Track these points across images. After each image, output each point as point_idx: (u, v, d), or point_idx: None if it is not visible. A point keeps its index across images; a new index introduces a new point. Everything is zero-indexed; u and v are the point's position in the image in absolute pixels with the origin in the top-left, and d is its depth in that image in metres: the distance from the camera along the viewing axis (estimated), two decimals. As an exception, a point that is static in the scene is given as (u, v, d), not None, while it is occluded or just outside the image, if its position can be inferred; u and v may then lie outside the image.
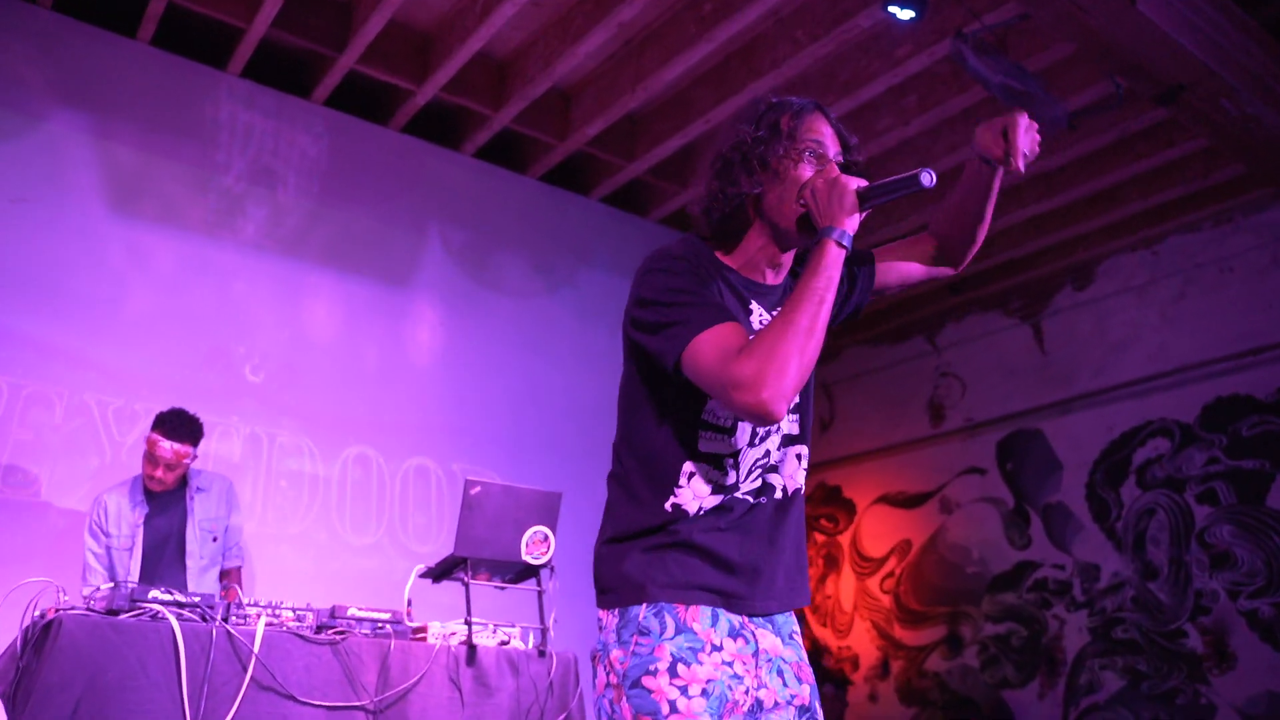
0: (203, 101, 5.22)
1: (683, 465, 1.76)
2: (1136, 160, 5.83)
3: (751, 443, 1.79)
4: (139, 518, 4.09)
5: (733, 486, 1.77)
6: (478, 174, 6.05)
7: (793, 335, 1.59)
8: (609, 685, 1.71)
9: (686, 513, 1.74)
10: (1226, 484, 6.02)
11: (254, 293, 5.18)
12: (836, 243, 1.68)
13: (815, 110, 1.86)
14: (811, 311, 1.62)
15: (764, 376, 1.55)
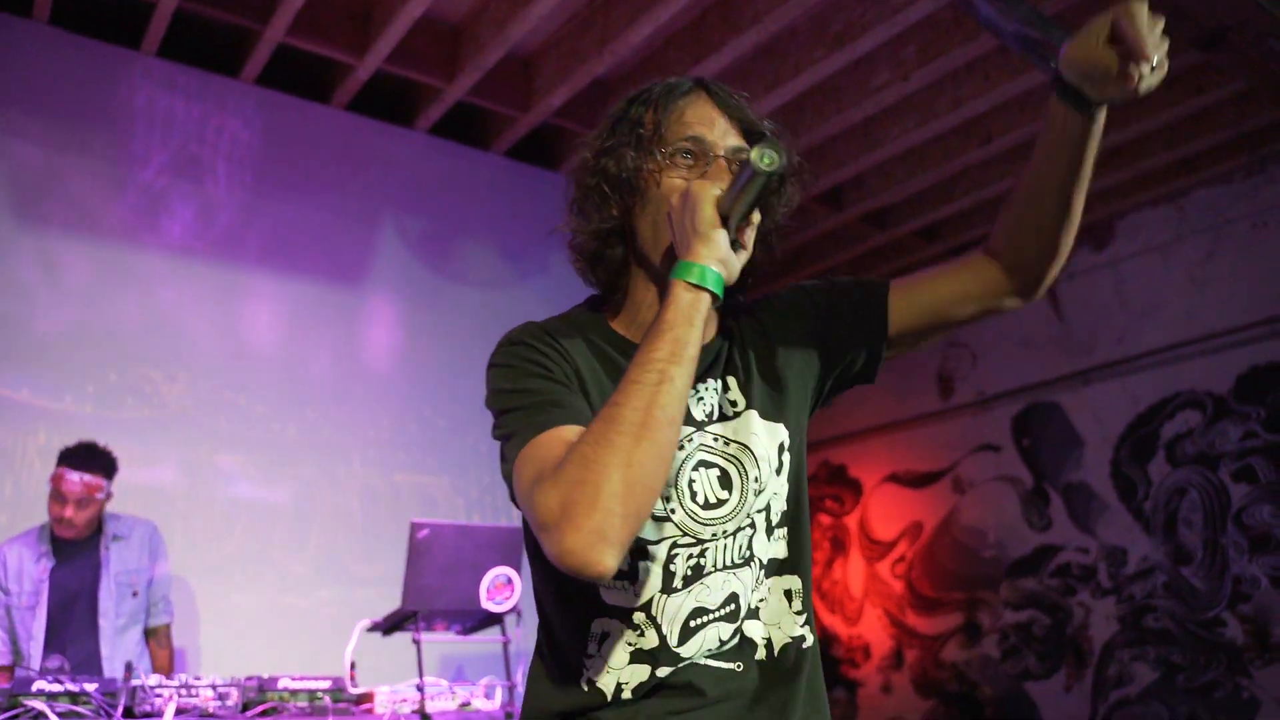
0: (115, 86, 4.64)
1: (591, 624, 1.26)
2: (1163, 109, 5.24)
3: (669, 588, 1.26)
4: (43, 572, 3.60)
5: (660, 653, 1.25)
6: (434, 152, 5.48)
7: (611, 440, 1.07)
8: None
9: (605, 694, 1.23)
10: (1265, 460, 5.52)
11: (183, 301, 4.65)
12: (687, 284, 1.17)
13: (692, 91, 1.34)
14: (643, 399, 1.10)
15: (571, 511, 1.04)
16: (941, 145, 5.84)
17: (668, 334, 1.14)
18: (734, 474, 1.30)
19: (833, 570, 7.87)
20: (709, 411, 1.33)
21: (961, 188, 6.25)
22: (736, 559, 1.28)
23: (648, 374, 1.12)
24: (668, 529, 1.26)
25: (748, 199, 1.21)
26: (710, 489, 1.29)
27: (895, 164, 6.13)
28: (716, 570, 1.27)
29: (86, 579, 3.66)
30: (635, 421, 1.08)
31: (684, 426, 1.27)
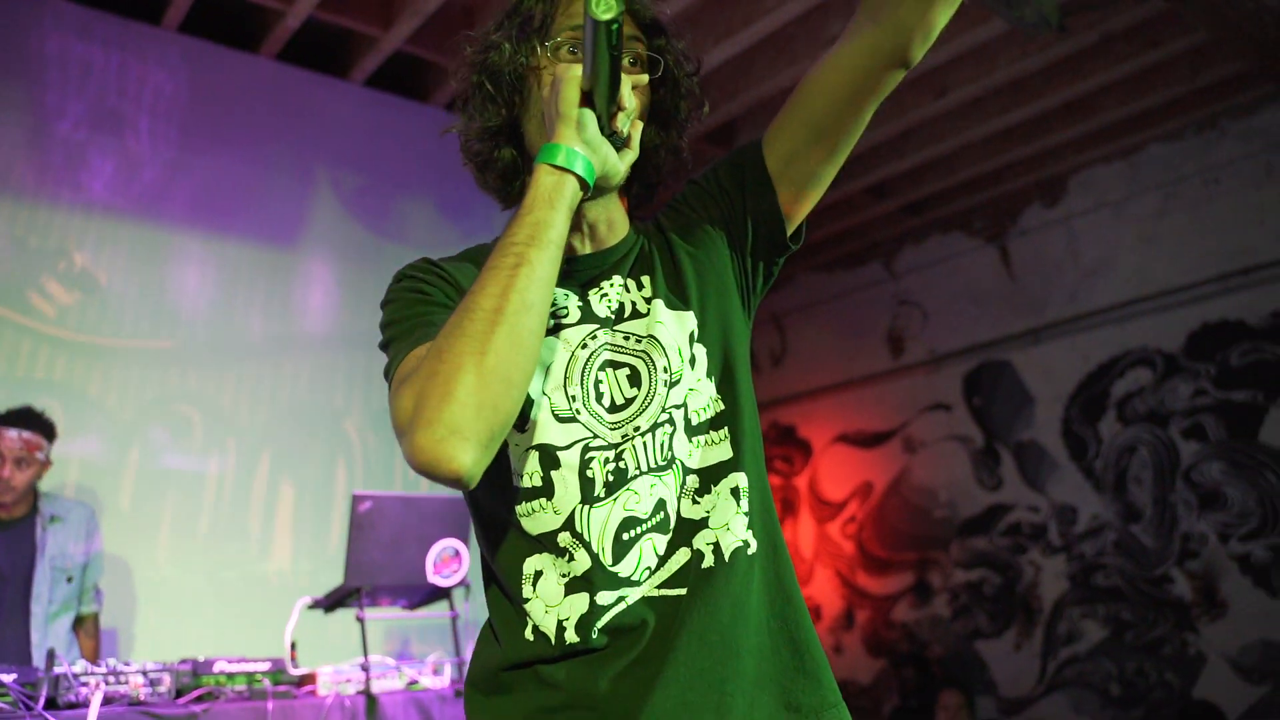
0: (25, 33, 4.34)
1: (524, 565, 1.18)
2: (1118, 62, 5.16)
3: (590, 498, 1.16)
4: None
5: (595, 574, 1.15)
6: (370, 105, 5.23)
7: (464, 328, 1.02)
8: None
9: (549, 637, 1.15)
10: (1215, 418, 5.53)
11: (105, 263, 4.38)
12: (549, 166, 1.11)
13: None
14: (498, 284, 1.04)
15: (422, 406, 0.99)
16: (895, 99, 5.70)
17: (527, 218, 1.08)
18: (643, 369, 1.21)
19: (783, 531, 7.82)
20: (615, 309, 1.25)
21: (913, 144, 6.14)
22: (658, 461, 1.18)
23: (505, 259, 1.05)
24: (575, 431, 1.17)
25: (600, 64, 1.09)
26: (617, 388, 1.20)
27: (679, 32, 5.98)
28: (641, 474, 1.17)
29: (20, 562, 3.43)
30: (489, 308, 1.01)
31: (588, 324, 1.22)
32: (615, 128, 1.15)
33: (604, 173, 1.14)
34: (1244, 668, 5.27)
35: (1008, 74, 5.25)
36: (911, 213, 6.99)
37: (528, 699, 1.13)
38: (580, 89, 1.12)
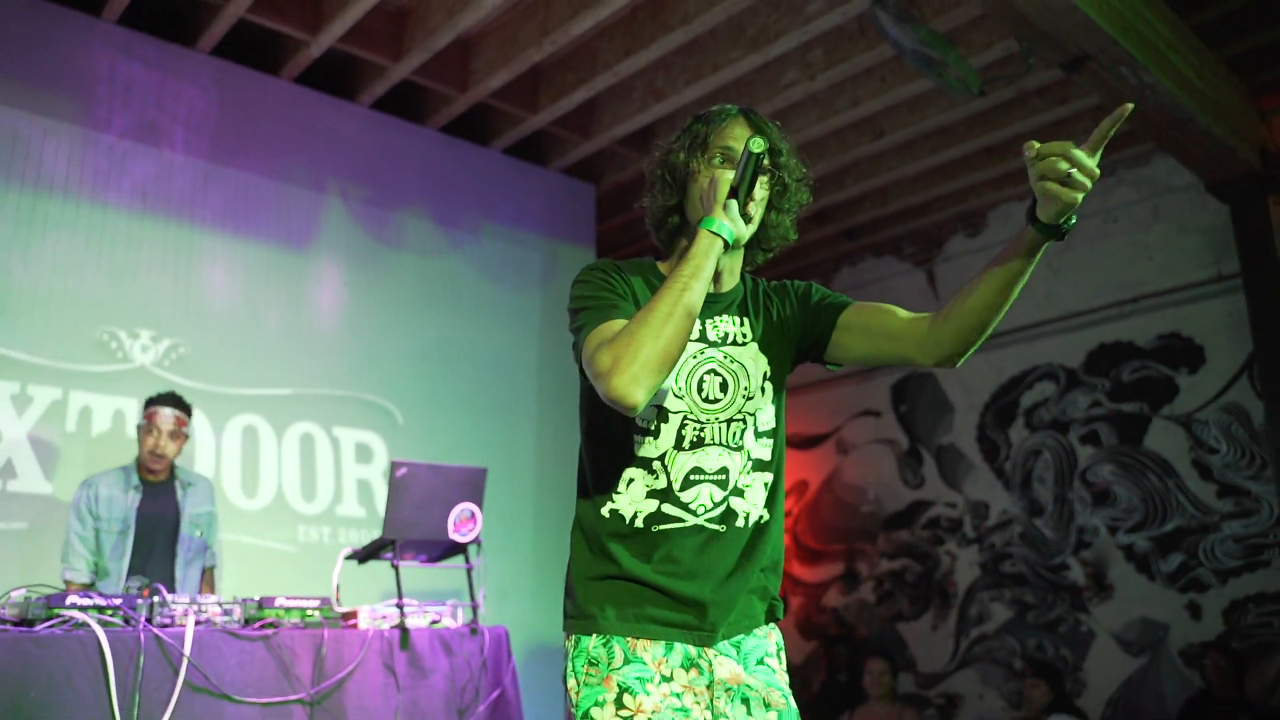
0: (78, 52, 4.85)
1: (622, 471, 1.80)
2: (1031, 115, 5.98)
3: (679, 446, 1.80)
4: (131, 504, 3.99)
5: (665, 493, 1.78)
6: (376, 126, 5.83)
7: (649, 321, 1.60)
8: (568, 710, 1.75)
9: (622, 519, 1.78)
10: (1108, 426, 6.36)
11: (145, 259, 4.90)
12: (708, 231, 1.71)
13: (736, 116, 1.88)
14: (672, 298, 1.63)
15: (619, 362, 1.56)
16: (839, 139, 6.46)
17: (691, 261, 1.68)
18: (730, 382, 1.84)
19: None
20: (722, 336, 1.88)
21: (852, 177, 6.90)
22: (730, 443, 1.82)
23: (676, 283, 1.65)
24: (681, 406, 1.80)
25: (746, 175, 1.75)
26: (712, 389, 1.83)
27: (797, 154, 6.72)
28: (714, 444, 1.81)
29: (168, 515, 4.06)
30: (664, 312, 1.61)
31: (699, 344, 1.84)
32: (748, 213, 1.79)
33: (737, 238, 1.77)
34: (1126, 641, 6.09)
35: (936, 121, 6.03)
36: (849, 238, 7.76)
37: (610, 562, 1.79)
38: (730, 186, 1.75)
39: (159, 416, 4.04)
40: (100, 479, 4.01)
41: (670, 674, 1.71)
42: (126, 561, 3.94)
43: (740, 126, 1.86)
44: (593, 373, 1.61)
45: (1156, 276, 6.26)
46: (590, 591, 1.78)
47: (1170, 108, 4.83)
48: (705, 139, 1.85)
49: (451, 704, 3.72)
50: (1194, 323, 6.08)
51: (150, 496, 4.05)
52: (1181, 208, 6.21)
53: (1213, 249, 6.02)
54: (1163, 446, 6.11)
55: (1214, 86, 5.13)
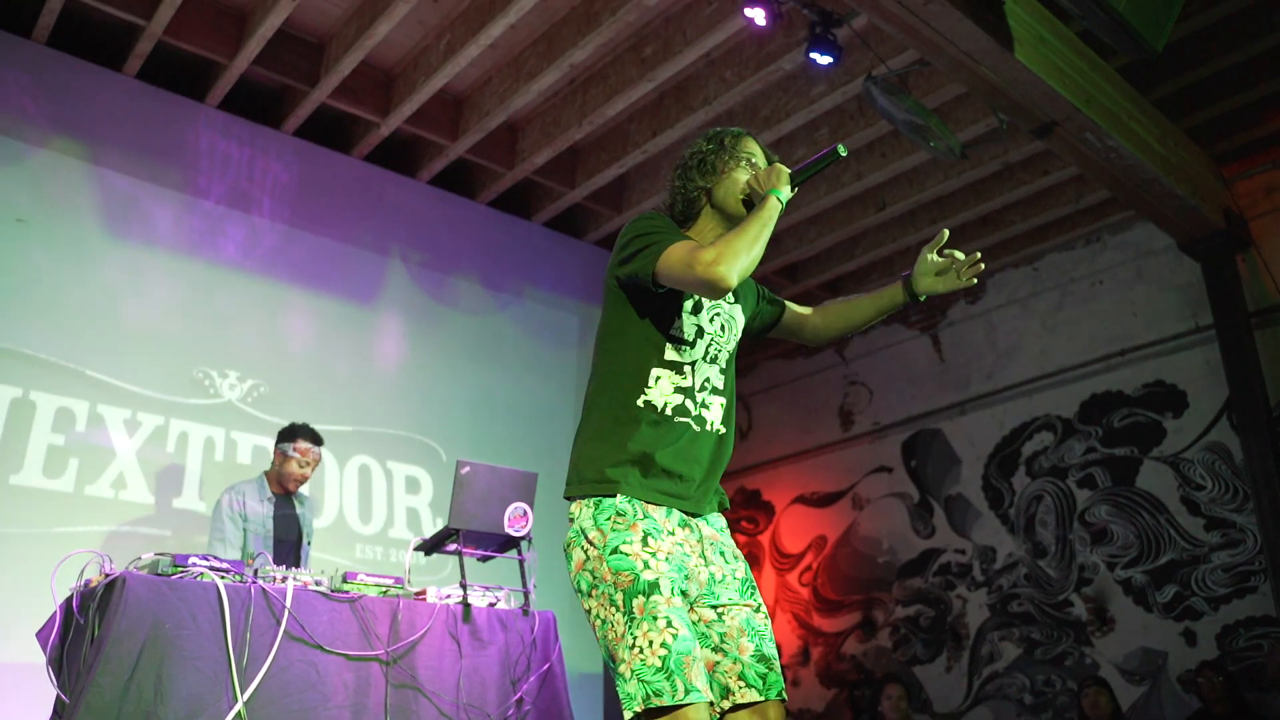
0: (184, 131, 5.65)
1: (652, 370, 2.30)
2: (1017, 186, 6.66)
3: (705, 358, 2.38)
4: (267, 513, 4.61)
5: (689, 390, 2.30)
6: (433, 200, 6.59)
7: (743, 236, 2.17)
8: (587, 558, 2.13)
9: (654, 407, 2.27)
10: (1102, 469, 6.86)
11: (235, 307, 5.60)
12: (776, 198, 2.28)
13: (746, 135, 2.54)
14: (758, 227, 2.19)
15: (721, 256, 2.11)
16: (845, 210, 7.16)
17: (766, 211, 2.25)
18: (729, 326, 2.47)
19: (749, 583, 8.95)
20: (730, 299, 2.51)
21: (860, 248, 7.59)
22: (722, 368, 2.42)
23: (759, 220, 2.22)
24: (710, 330, 2.41)
25: (817, 167, 2.39)
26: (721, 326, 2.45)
27: (806, 225, 7.44)
28: (715, 365, 2.40)
29: (293, 525, 4.70)
30: (752, 235, 2.18)
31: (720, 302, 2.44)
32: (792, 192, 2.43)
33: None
34: (1129, 671, 6.47)
35: (933, 192, 6.73)
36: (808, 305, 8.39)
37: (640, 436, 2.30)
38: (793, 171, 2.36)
39: (310, 453, 4.69)
40: (245, 486, 4.63)
41: (673, 530, 2.22)
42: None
43: (753, 142, 2.53)
44: (694, 260, 2.14)
45: (1141, 331, 6.84)
46: (617, 463, 2.22)
47: (1135, 169, 5.49)
48: (733, 148, 2.48)
49: (506, 673, 4.23)
50: (1176, 371, 6.64)
51: (280, 509, 4.67)
52: (1161, 268, 6.83)
53: (1190, 304, 6.62)
54: (1153, 486, 6.59)
55: (1176, 153, 5.80)
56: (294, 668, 3.69)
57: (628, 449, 2.24)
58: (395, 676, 3.92)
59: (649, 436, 2.25)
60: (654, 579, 2.05)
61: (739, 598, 2.27)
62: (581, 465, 2.27)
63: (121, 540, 4.86)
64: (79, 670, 3.41)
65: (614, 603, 2.05)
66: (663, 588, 2.04)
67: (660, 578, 2.06)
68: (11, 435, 4.76)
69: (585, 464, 2.26)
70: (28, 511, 4.71)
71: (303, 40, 5.71)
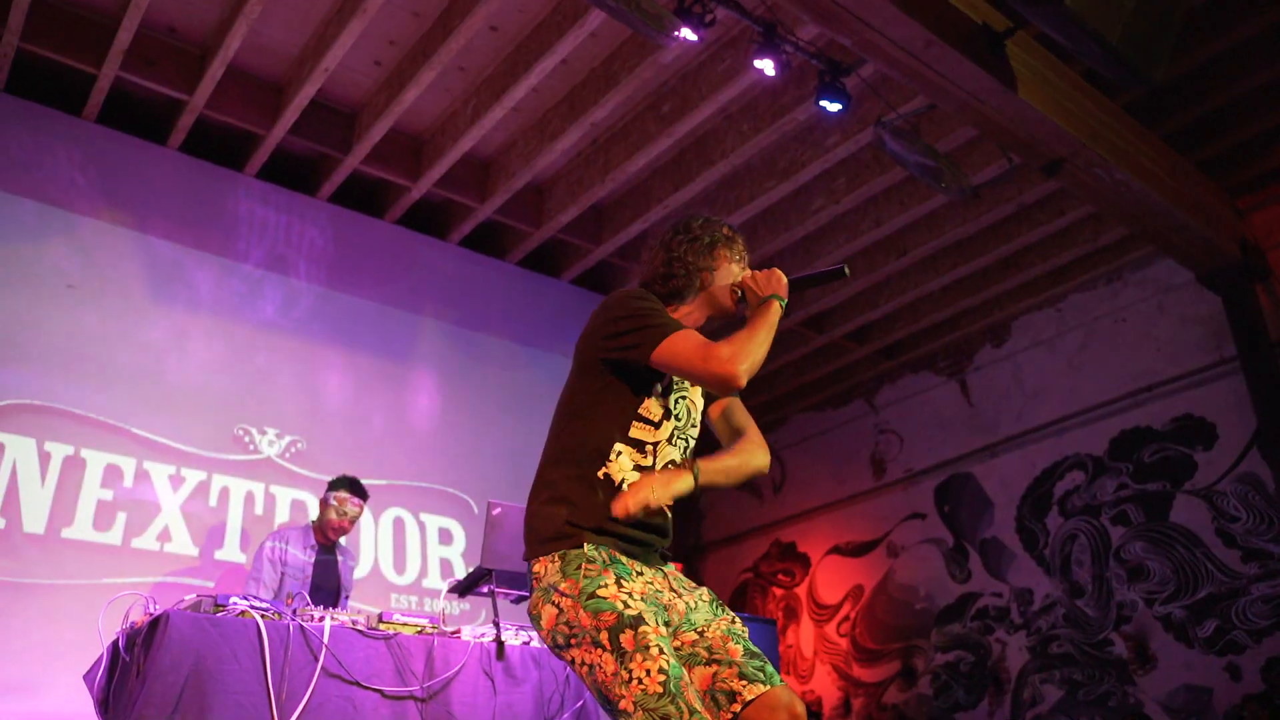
0: (225, 199, 5.92)
1: (615, 444, 2.31)
2: (1034, 228, 6.76)
3: (669, 440, 2.41)
4: (309, 562, 4.75)
5: (649, 469, 2.33)
6: (463, 261, 6.81)
7: (755, 338, 2.26)
8: (560, 610, 2.12)
9: (613, 481, 2.27)
10: (1135, 505, 6.84)
11: (274, 366, 5.81)
12: (779, 303, 2.40)
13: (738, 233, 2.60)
14: (766, 331, 2.29)
15: (737, 355, 2.20)
16: (867, 258, 7.29)
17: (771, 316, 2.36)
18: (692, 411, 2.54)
19: (786, 636, 8.93)
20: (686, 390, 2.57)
21: (885, 295, 7.70)
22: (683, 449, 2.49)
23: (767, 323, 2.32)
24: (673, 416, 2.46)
25: (816, 282, 2.56)
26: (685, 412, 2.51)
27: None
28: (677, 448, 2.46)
29: (333, 574, 4.84)
30: (762, 337, 2.28)
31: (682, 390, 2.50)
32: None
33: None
34: (1173, 709, 6.38)
35: (953, 236, 6.85)
36: (886, 356, 8.50)
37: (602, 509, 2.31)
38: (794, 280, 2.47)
39: (349, 504, 4.84)
40: (289, 533, 4.78)
41: (641, 570, 2.28)
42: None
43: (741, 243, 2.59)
44: (710, 355, 2.21)
45: (1166, 365, 6.87)
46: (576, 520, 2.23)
47: (1146, 203, 5.58)
48: (730, 241, 2.56)
49: (541, 710, 4.29)
50: (1204, 403, 6.64)
51: (322, 558, 4.82)
52: (1182, 302, 6.88)
53: (1214, 336, 6.65)
54: (1188, 520, 6.56)
55: (1187, 185, 5.89)
56: (331, 703, 3.78)
57: (587, 510, 2.26)
58: (431, 713, 4.00)
59: (606, 506, 2.25)
60: (637, 613, 2.08)
61: (714, 616, 2.35)
62: (539, 526, 2.28)
63: (166, 590, 4.99)
64: (125, 705, 3.54)
65: (599, 644, 2.05)
66: (647, 619, 2.08)
67: (642, 611, 2.09)
68: (64, 491, 4.95)
69: (543, 524, 2.27)
70: (78, 564, 4.88)
71: (335, 110, 5.98)
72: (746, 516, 9.67)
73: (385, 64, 5.67)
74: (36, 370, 5.05)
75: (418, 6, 5.29)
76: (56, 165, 5.42)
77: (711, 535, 10.03)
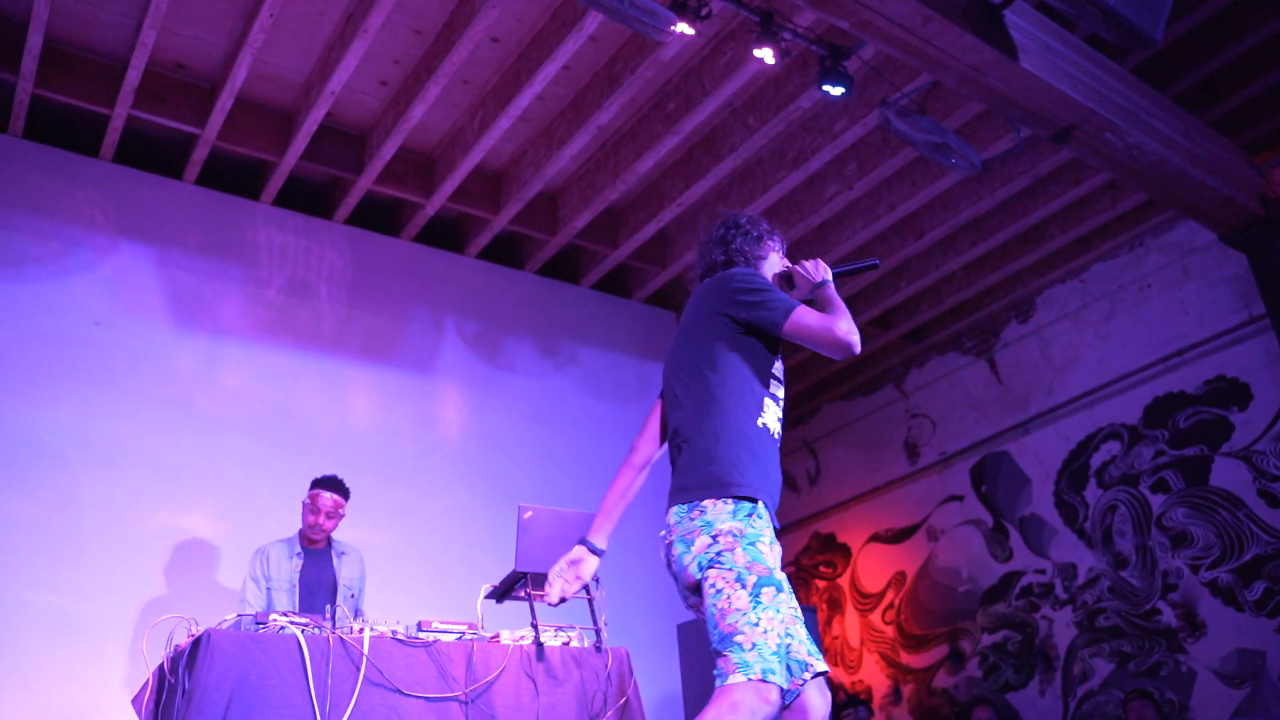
0: (243, 229, 6.01)
1: (762, 399, 2.64)
2: (1051, 199, 6.72)
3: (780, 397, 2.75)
4: (295, 567, 4.72)
5: (779, 420, 2.68)
6: (481, 273, 6.85)
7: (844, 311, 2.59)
8: (714, 541, 2.37)
9: (769, 431, 2.62)
10: (1174, 472, 6.76)
11: (301, 388, 5.87)
12: (830, 285, 2.72)
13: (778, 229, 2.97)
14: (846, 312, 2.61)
15: (852, 329, 2.53)
16: (884, 242, 7.27)
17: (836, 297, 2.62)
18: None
19: (831, 627, 8.89)
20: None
21: (905, 279, 7.67)
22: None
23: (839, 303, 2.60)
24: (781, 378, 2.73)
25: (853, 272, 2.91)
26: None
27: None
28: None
29: (326, 578, 4.80)
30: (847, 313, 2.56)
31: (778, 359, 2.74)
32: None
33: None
34: (1226, 675, 6.30)
35: (969, 214, 6.81)
36: (912, 340, 8.45)
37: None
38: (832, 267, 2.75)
39: (320, 499, 4.81)
40: (271, 547, 4.78)
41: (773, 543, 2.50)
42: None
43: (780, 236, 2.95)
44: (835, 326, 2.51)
45: (1195, 328, 6.80)
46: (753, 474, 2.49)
47: (1162, 165, 5.53)
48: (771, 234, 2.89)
49: (584, 709, 4.30)
50: (1236, 364, 6.56)
51: (310, 562, 4.78)
52: (1207, 263, 6.80)
53: (1242, 295, 6.57)
54: (1228, 482, 6.48)
55: (1202, 145, 5.82)
56: (376, 712, 3.82)
57: (759, 464, 2.54)
58: (474, 716, 4.03)
59: (768, 454, 2.58)
60: (782, 580, 2.39)
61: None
62: (720, 471, 2.48)
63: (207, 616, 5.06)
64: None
65: (741, 581, 2.31)
66: (786, 589, 2.40)
67: (784, 581, 2.41)
68: (104, 527, 5.04)
69: (726, 469, 2.49)
70: (121, 594, 4.96)
71: (345, 133, 6.06)
72: (783, 510, 9.57)
73: (391, 83, 5.73)
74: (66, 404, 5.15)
75: (418, 23, 5.35)
76: (76, 206, 5.53)
77: (750, 532, 10.00)
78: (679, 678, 6.11)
